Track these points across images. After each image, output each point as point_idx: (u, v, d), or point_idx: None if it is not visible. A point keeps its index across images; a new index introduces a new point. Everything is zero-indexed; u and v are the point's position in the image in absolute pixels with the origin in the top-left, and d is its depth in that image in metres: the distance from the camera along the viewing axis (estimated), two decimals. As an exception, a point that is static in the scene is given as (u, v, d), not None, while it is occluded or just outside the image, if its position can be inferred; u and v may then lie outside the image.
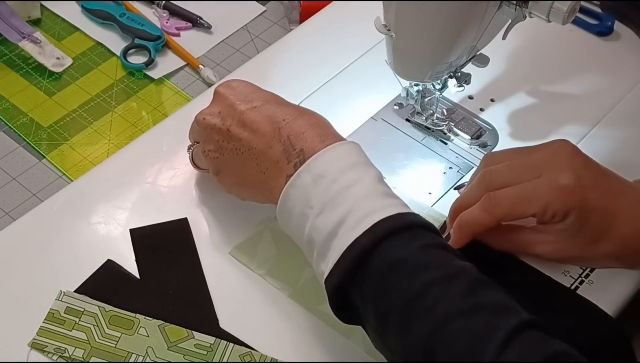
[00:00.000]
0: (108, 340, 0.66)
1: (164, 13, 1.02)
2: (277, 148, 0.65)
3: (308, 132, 0.65)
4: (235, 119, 0.68)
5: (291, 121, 0.66)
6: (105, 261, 0.71)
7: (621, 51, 0.92)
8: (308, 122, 0.66)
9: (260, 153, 0.66)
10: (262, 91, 0.71)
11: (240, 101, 0.69)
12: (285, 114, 0.67)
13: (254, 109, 0.68)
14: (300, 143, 0.64)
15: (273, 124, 0.66)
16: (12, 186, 0.84)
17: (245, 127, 0.67)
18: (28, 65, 0.96)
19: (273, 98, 0.69)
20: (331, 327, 0.68)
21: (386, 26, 0.71)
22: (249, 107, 0.68)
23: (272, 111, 0.67)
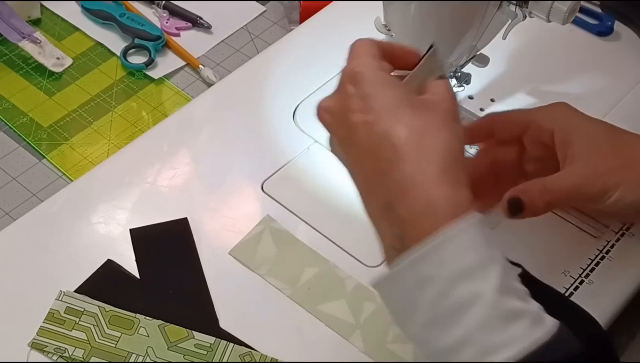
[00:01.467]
0: (108, 340, 0.66)
1: (164, 13, 1.02)
2: (380, 197, 0.54)
3: (414, 192, 0.51)
4: (345, 132, 0.56)
5: (397, 163, 0.52)
6: (105, 261, 0.71)
7: (621, 51, 0.92)
8: (418, 169, 0.52)
9: (365, 187, 0.57)
10: (391, 90, 0.56)
11: (355, 106, 0.56)
12: (393, 149, 0.52)
13: (365, 126, 0.54)
14: (403, 207, 0.52)
15: (377, 161, 0.54)
16: (12, 186, 0.84)
17: (352, 148, 0.56)
18: (28, 65, 0.96)
19: (395, 106, 0.55)
20: (331, 327, 0.68)
21: (386, 26, 0.71)
22: (361, 122, 0.55)
23: (379, 136, 0.53)
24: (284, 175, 0.79)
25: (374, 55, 0.59)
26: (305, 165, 0.80)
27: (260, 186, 0.78)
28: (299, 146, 0.81)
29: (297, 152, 0.80)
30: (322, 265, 0.72)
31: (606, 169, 0.65)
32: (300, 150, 0.81)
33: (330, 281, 0.71)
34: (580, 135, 0.67)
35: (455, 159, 0.53)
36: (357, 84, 0.56)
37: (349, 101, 0.56)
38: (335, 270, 0.71)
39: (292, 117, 0.84)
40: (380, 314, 0.69)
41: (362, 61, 0.58)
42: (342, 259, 0.72)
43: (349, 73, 0.58)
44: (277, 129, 0.83)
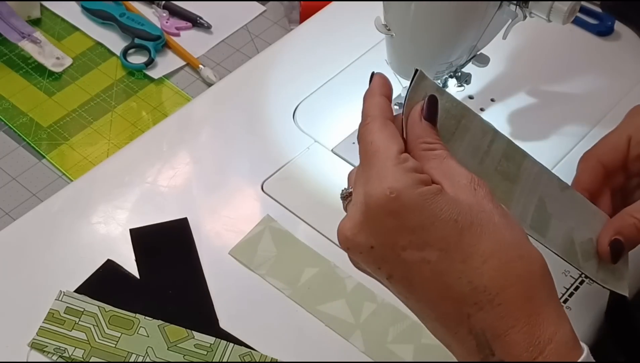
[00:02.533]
0: (108, 340, 0.66)
1: (164, 13, 1.02)
2: (467, 340, 0.47)
3: (513, 334, 0.45)
4: (398, 270, 0.48)
5: (486, 306, 0.46)
6: (105, 261, 0.71)
7: (621, 51, 0.92)
8: (513, 310, 0.46)
9: (442, 332, 0.49)
10: (439, 216, 0.47)
11: (404, 241, 0.47)
12: (477, 292, 0.46)
13: (425, 265, 0.47)
14: (501, 350, 0.46)
15: (459, 305, 0.47)
16: (12, 186, 0.84)
17: (414, 292, 0.48)
18: (28, 65, 0.96)
19: (456, 237, 0.47)
20: (331, 327, 0.68)
21: (386, 26, 0.71)
22: (417, 259, 0.47)
23: (455, 279, 0.46)
24: (284, 175, 0.79)
25: (395, 157, 0.49)
26: (305, 165, 0.79)
27: (260, 186, 0.77)
28: (299, 146, 0.81)
29: (297, 152, 0.80)
30: (322, 265, 0.72)
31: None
32: (300, 150, 0.81)
33: (330, 281, 0.71)
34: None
35: (543, 278, 0.48)
36: (397, 216, 0.47)
37: (393, 236, 0.48)
38: (335, 270, 0.71)
39: (292, 117, 0.84)
40: (380, 314, 0.69)
41: (391, 179, 0.48)
42: (342, 259, 0.72)
43: (379, 203, 0.47)
44: (277, 129, 0.83)
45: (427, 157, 0.51)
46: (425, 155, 0.51)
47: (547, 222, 0.63)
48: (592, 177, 0.65)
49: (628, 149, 0.66)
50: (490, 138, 0.59)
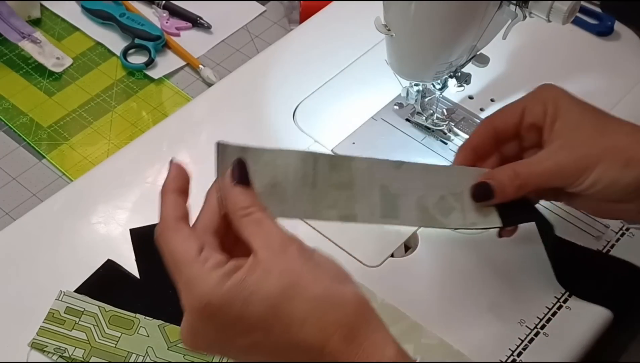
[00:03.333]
0: (108, 340, 0.66)
1: (164, 13, 1.02)
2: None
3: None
4: (239, 355, 0.52)
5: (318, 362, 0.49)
6: (105, 261, 0.71)
7: (621, 51, 0.92)
8: (340, 355, 0.49)
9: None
10: (254, 300, 0.50)
11: (231, 332, 0.51)
12: (307, 353, 0.49)
13: (256, 346, 0.51)
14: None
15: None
16: (12, 186, 0.84)
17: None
18: (28, 65, 0.96)
19: (273, 312, 0.50)
20: (331, 327, 0.68)
21: (386, 26, 0.71)
22: (249, 344, 0.51)
23: (285, 349, 0.50)
24: (284, 175, 0.78)
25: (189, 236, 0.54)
26: (305, 165, 0.79)
27: (260, 186, 0.77)
28: (299, 146, 0.81)
29: (297, 152, 0.80)
30: (322, 265, 0.72)
31: (584, 151, 0.63)
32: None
33: (330, 281, 0.71)
34: (564, 116, 0.65)
35: (364, 316, 0.51)
36: (215, 317, 0.51)
37: (221, 334, 0.51)
38: (335, 270, 0.71)
39: (292, 117, 0.84)
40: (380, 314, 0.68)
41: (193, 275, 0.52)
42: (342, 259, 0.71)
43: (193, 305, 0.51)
44: (277, 129, 0.83)
45: (246, 224, 0.54)
46: (244, 222, 0.54)
47: (395, 204, 0.64)
48: (481, 138, 0.69)
49: (522, 119, 0.67)
50: (312, 161, 0.61)
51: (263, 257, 0.51)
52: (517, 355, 0.66)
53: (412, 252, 0.73)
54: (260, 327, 0.50)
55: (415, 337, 0.67)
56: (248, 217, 0.54)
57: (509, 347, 0.67)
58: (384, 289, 0.70)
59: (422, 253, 0.73)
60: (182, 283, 0.52)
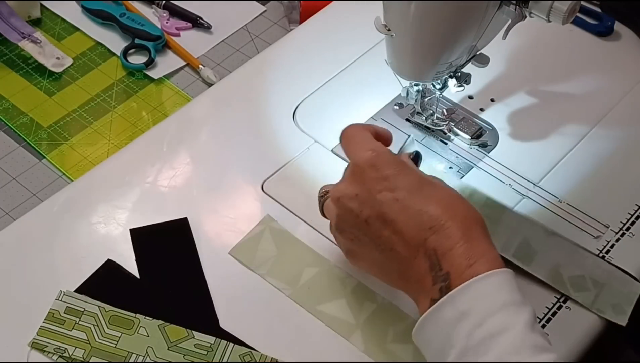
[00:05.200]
0: (108, 340, 0.66)
1: (164, 13, 1.02)
2: (422, 263, 0.59)
3: (456, 249, 0.58)
4: (375, 210, 0.61)
5: (439, 230, 0.59)
6: (105, 261, 0.71)
7: (621, 51, 0.92)
8: (457, 232, 0.59)
9: (404, 260, 0.60)
10: (407, 171, 0.62)
11: (380, 186, 0.61)
12: (432, 219, 0.59)
13: (395, 202, 0.60)
14: (447, 263, 0.58)
15: (419, 230, 0.59)
16: (12, 186, 0.84)
17: (387, 224, 0.61)
18: (28, 65, 0.96)
19: (418, 185, 0.61)
20: (331, 327, 0.68)
21: (386, 26, 0.71)
22: (390, 198, 0.61)
23: (417, 211, 0.60)
24: (284, 175, 0.79)
25: (372, 140, 0.65)
26: (305, 165, 0.79)
27: (260, 186, 0.77)
28: (299, 146, 0.81)
29: (297, 152, 0.80)
30: (322, 265, 0.72)
31: None
32: (300, 150, 0.81)
33: (330, 281, 0.71)
34: None
35: (481, 222, 0.61)
36: (377, 168, 0.62)
37: (372, 184, 0.62)
38: (335, 270, 0.71)
39: (292, 117, 0.84)
40: (380, 314, 0.69)
41: (370, 146, 0.64)
42: (342, 259, 0.72)
43: (364, 160, 0.63)
44: (277, 129, 0.83)
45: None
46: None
47: (531, 256, 0.71)
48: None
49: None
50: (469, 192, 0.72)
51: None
52: (517, 355, 0.66)
53: (412, 252, 0.73)
54: (406, 189, 0.61)
55: (415, 337, 0.67)
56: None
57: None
58: (384, 289, 0.70)
59: (422, 253, 0.73)
60: (356, 143, 0.65)
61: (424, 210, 0.60)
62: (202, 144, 0.82)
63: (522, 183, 0.78)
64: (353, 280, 0.71)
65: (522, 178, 0.79)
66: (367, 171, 0.62)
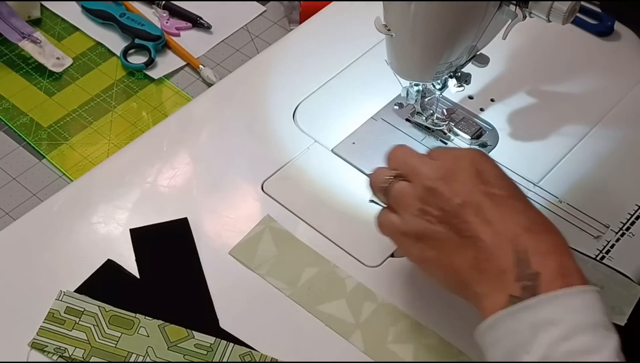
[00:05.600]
0: (108, 340, 0.66)
1: (164, 13, 1.02)
2: (508, 255, 0.57)
3: (551, 257, 0.57)
4: (471, 199, 0.60)
5: (536, 233, 0.58)
6: (105, 261, 0.71)
7: (621, 51, 0.92)
8: (553, 244, 0.58)
9: (486, 249, 0.58)
10: (508, 180, 0.62)
11: (482, 182, 0.61)
12: (531, 222, 0.59)
13: (494, 198, 0.60)
14: (538, 265, 0.56)
15: (513, 225, 0.58)
16: (12, 186, 0.84)
17: (479, 213, 0.59)
18: (28, 65, 0.96)
19: (518, 194, 0.62)
20: (331, 327, 0.68)
21: (386, 26, 0.71)
22: (489, 193, 0.60)
23: (515, 211, 0.59)
24: (284, 175, 0.79)
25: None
26: (305, 165, 0.80)
27: (260, 186, 0.78)
28: (299, 146, 0.81)
29: (297, 152, 0.80)
30: (322, 265, 0.72)
31: None
32: (300, 150, 0.81)
33: (330, 281, 0.71)
34: None
35: (568, 246, 0.60)
36: (483, 163, 0.62)
37: (474, 177, 0.61)
38: (335, 270, 0.71)
39: (292, 117, 0.84)
40: (380, 314, 0.69)
41: (442, 156, 0.63)
42: (342, 259, 0.72)
43: (471, 153, 0.63)
44: (277, 129, 0.83)
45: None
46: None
47: None
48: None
49: None
50: None
51: None
52: (517, 355, 0.66)
53: (412, 252, 0.73)
54: (507, 191, 0.61)
55: (415, 337, 0.67)
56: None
57: (509, 347, 0.67)
58: (384, 289, 0.70)
59: (422, 253, 0.73)
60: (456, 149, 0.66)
61: (524, 212, 0.59)
62: (202, 144, 0.82)
63: (522, 183, 0.78)
64: (353, 280, 0.71)
65: (522, 178, 0.79)
66: (469, 165, 0.61)
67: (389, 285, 0.71)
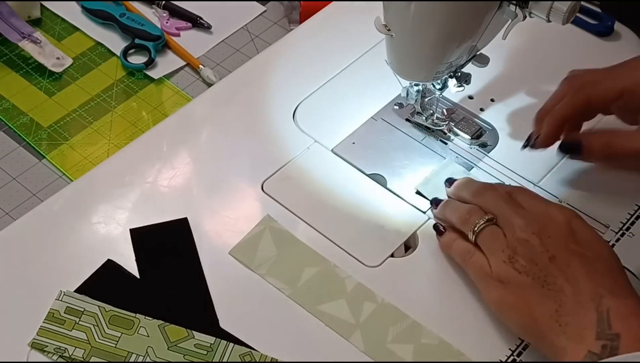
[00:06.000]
0: (108, 340, 0.66)
1: (164, 13, 1.02)
2: (590, 314, 0.60)
3: (632, 320, 0.59)
4: (562, 254, 0.63)
5: (619, 296, 0.60)
6: (105, 261, 0.71)
7: (621, 51, 0.91)
8: (635, 308, 0.60)
9: (569, 305, 0.61)
10: (599, 242, 0.65)
11: (574, 241, 0.63)
12: (615, 286, 0.61)
13: (583, 257, 0.62)
14: (620, 326, 0.58)
15: (597, 287, 0.61)
16: (12, 186, 0.84)
17: (566, 270, 0.62)
18: (28, 65, 0.96)
19: (607, 258, 0.64)
20: (331, 327, 0.68)
21: (386, 26, 0.71)
22: (579, 251, 0.63)
23: (601, 273, 0.62)
24: (284, 175, 0.79)
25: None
26: (305, 165, 0.80)
27: (260, 186, 0.78)
28: (299, 146, 0.81)
29: (297, 152, 0.80)
30: (322, 265, 0.72)
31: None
32: (300, 150, 0.81)
33: (330, 281, 0.71)
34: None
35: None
36: (576, 224, 0.65)
37: (567, 236, 0.64)
38: (335, 270, 0.71)
39: (292, 117, 0.84)
40: (380, 314, 0.69)
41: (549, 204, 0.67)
42: (342, 259, 0.72)
43: (566, 214, 0.65)
44: (277, 129, 0.83)
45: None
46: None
47: None
48: (574, 110, 0.75)
49: (619, 98, 0.72)
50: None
51: None
52: (517, 355, 0.66)
53: (412, 252, 0.73)
54: (594, 252, 0.63)
55: (415, 337, 0.67)
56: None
57: (509, 347, 0.67)
58: (384, 289, 0.70)
59: (422, 253, 0.73)
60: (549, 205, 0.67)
61: (609, 275, 0.62)
62: (202, 144, 0.82)
63: (522, 183, 0.78)
64: (353, 280, 0.71)
65: (522, 178, 0.79)
66: (566, 224, 0.64)
67: (389, 285, 0.71)
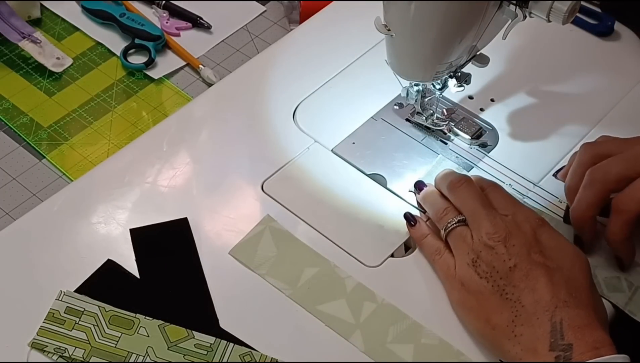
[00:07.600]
0: (108, 340, 0.66)
1: (164, 13, 1.02)
2: (544, 326, 0.61)
3: (585, 330, 0.60)
4: (522, 264, 0.64)
5: (572, 307, 0.61)
6: (105, 261, 0.71)
7: (621, 51, 0.92)
8: (589, 318, 0.61)
9: (524, 315, 0.62)
10: (564, 251, 0.65)
11: (537, 251, 0.65)
12: (570, 296, 0.62)
13: (543, 267, 0.63)
14: (573, 337, 0.60)
15: (553, 298, 0.62)
16: (12, 186, 0.84)
17: (527, 280, 0.63)
18: (28, 65, 0.96)
19: (570, 265, 0.64)
20: (331, 327, 0.68)
21: (386, 26, 0.71)
22: (540, 261, 0.64)
23: (559, 284, 0.63)
24: (284, 175, 0.79)
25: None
26: (305, 165, 0.80)
27: (260, 186, 0.78)
28: (299, 146, 0.81)
29: (297, 152, 0.80)
30: (322, 265, 0.72)
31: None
32: (300, 150, 0.81)
33: (330, 281, 0.71)
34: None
35: (606, 316, 0.65)
36: (542, 233, 0.66)
37: (531, 243, 0.65)
38: (335, 270, 0.71)
39: (292, 117, 0.84)
40: (380, 314, 0.69)
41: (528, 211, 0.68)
42: (342, 259, 0.72)
43: (534, 219, 0.67)
44: (277, 129, 0.83)
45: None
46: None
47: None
48: (600, 201, 0.72)
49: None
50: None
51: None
52: (517, 355, 0.66)
53: (412, 252, 0.73)
54: (557, 262, 0.64)
55: (416, 337, 0.67)
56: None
57: (509, 347, 0.67)
58: (384, 289, 0.70)
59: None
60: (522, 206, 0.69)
61: (566, 286, 0.62)
62: (202, 144, 0.82)
63: (522, 183, 0.78)
64: (353, 280, 0.71)
65: (522, 178, 0.79)
66: (533, 230, 0.66)
67: (389, 285, 0.71)
